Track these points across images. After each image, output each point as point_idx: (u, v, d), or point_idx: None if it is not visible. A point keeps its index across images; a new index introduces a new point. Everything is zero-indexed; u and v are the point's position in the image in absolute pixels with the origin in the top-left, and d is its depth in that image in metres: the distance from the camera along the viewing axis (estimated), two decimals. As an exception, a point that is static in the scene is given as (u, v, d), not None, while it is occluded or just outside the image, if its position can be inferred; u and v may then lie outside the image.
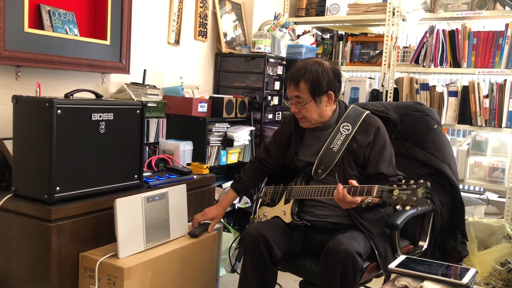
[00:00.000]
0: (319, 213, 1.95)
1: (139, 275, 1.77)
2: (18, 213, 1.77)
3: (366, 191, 1.74)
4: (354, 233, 1.81)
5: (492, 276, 2.83)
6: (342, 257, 1.66)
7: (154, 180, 2.16)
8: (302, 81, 1.88)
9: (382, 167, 1.89)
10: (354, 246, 1.69)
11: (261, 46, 3.29)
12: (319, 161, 1.93)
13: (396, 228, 1.87)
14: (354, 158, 1.92)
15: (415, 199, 1.64)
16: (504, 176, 3.17)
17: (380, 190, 1.72)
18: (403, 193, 1.67)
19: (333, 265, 1.68)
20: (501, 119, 3.16)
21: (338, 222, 1.91)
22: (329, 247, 1.72)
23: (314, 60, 1.93)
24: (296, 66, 1.94)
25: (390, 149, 1.96)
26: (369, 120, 1.96)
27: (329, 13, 3.83)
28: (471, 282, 1.46)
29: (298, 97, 1.91)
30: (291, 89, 1.93)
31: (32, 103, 1.75)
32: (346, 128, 1.94)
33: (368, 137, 1.92)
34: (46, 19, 2.20)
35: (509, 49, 3.14)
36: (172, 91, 2.95)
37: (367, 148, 1.91)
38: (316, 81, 1.88)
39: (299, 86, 1.90)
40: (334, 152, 1.91)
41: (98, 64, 2.43)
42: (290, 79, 1.93)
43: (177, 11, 3.04)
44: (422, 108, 2.20)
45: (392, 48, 3.53)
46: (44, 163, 1.71)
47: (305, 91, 1.89)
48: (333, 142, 1.93)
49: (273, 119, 3.42)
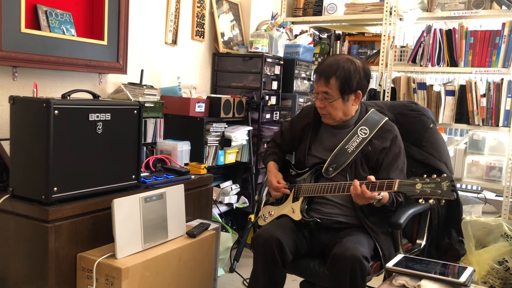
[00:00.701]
0: (326, 211, 1.94)
1: (137, 276, 1.77)
2: (15, 214, 1.77)
3: (386, 186, 1.73)
4: (358, 236, 1.80)
5: (490, 275, 2.83)
6: (350, 263, 1.66)
7: (151, 180, 2.16)
8: (333, 77, 1.86)
9: (393, 174, 1.90)
10: (360, 250, 1.69)
11: (258, 46, 3.29)
12: (332, 160, 1.92)
13: (399, 227, 1.87)
14: (367, 161, 1.92)
15: (440, 192, 1.63)
16: (501, 175, 3.18)
17: (401, 184, 1.71)
18: (427, 187, 1.66)
19: (342, 272, 1.67)
20: (498, 118, 3.17)
21: (344, 222, 1.90)
22: (336, 253, 1.70)
23: (346, 58, 1.91)
24: (327, 61, 1.91)
25: (404, 159, 1.97)
26: (387, 127, 1.97)
27: (327, 12, 3.84)
28: (468, 281, 1.47)
29: (327, 93, 1.88)
30: (320, 84, 1.89)
31: (29, 104, 1.75)
32: (364, 131, 1.93)
33: (384, 142, 1.92)
34: (43, 19, 2.20)
35: (506, 48, 3.15)
36: (169, 91, 2.95)
37: (382, 153, 1.91)
38: (347, 79, 1.86)
39: (329, 83, 1.86)
40: (348, 153, 1.90)
41: (95, 64, 2.42)
42: (320, 74, 1.89)
43: (174, 11, 3.04)
44: (417, 107, 2.21)
45: (390, 47, 3.54)
46: (41, 164, 1.70)
47: (335, 88, 1.87)
48: (348, 143, 1.92)
49: (271, 119, 3.42)
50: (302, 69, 3.67)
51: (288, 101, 3.58)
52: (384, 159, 1.92)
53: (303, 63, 3.67)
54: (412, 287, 1.51)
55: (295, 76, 3.58)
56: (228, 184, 3.25)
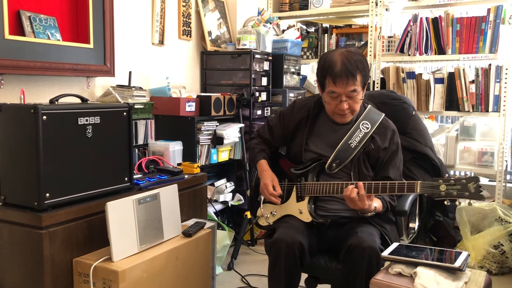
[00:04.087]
0: (331, 207, 1.92)
1: (134, 277, 1.76)
2: (8, 222, 1.75)
3: (407, 188, 1.72)
4: (369, 228, 1.81)
5: (486, 259, 2.86)
6: (367, 253, 1.66)
7: (145, 181, 2.15)
8: (358, 72, 1.79)
9: (390, 172, 1.90)
10: (377, 242, 1.71)
11: (246, 42, 3.29)
12: (336, 155, 1.89)
13: (404, 214, 1.91)
14: (369, 159, 1.92)
15: (468, 194, 1.63)
16: (494, 160, 3.20)
17: (424, 186, 1.69)
18: (452, 188, 1.65)
19: (358, 262, 1.67)
20: (488, 104, 3.19)
21: (349, 216, 1.90)
22: (352, 244, 1.70)
23: (347, 50, 1.85)
24: (337, 61, 1.80)
25: (400, 155, 1.97)
26: (386, 123, 1.96)
27: (313, 6, 3.84)
28: (463, 265, 1.48)
29: (355, 90, 1.81)
30: (349, 85, 1.79)
31: (17, 110, 1.74)
32: (366, 126, 1.91)
33: (385, 141, 1.92)
34: (27, 25, 2.18)
35: (492, 34, 3.17)
36: (159, 92, 2.94)
37: (383, 152, 1.92)
38: (365, 70, 1.83)
39: (357, 79, 1.80)
40: (351, 148, 1.89)
41: (82, 68, 2.41)
42: (344, 74, 1.78)
43: (159, 11, 3.03)
44: (398, 96, 2.22)
45: (377, 38, 3.54)
46: (32, 170, 1.69)
47: (359, 83, 1.82)
48: (351, 137, 1.90)
49: (262, 115, 3.42)
50: (291, 64, 3.67)
51: (278, 96, 3.58)
52: (384, 158, 1.92)
53: (291, 58, 3.67)
54: (408, 274, 1.52)
55: (284, 71, 3.58)
56: (222, 182, 3.25)
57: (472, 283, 1.49)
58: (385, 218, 1.91)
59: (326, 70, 1.82)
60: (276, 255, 1.76)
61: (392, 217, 1.97)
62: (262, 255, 3.13)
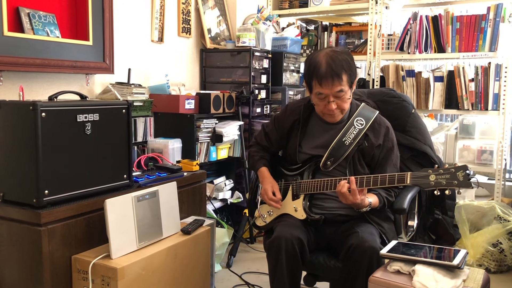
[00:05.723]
0: (328, 205, 1.93)
1: (133, 275, 1.76)
2: (7, 219, 1.75)
3: (397, 180, 1.73)
4: (368, 227, 1.81)
5: (485, 257, 2.86)
6: (368, 254, 1.67)
7: (144, 179, 2.15)
8: (343, 72, 1.79)
9: (387, 169, 1.91)
10: (377, 242, 1.71)
11: (245, 40, 3.28)
12: (330, 153, 1.90)
13: (403, 212, 1.90)
14: (364, 157, 1.92)
15: (456, 182, 1.63)
16: (493, 158, 3.20)
17: (414, 177, 1.70)
18: (441, 178, 1.65)
19: (359, 262, 1.68)
20: (487, 102, 3.19)
21: (347, 214, 1.90)
22: (353, 244, 1.70)
23: (332, 50, 1.85)
24: (323, 61, 1.80)
25: (397, 152, 1.98)
26: (380, 120, 1.96)
27: (312, 4, 3.83)
28: (461, 263, 1.48)
29: (342, 91, 1.81)
30: (334, 86, 1.79)
31: (16, 107, 1.73)
32: (360, 122, 1.91)
33: (379, 138, 1.92)
34: (26, 21, 2.18)
35: (492, 32, 3.17)
36: (158, 89, 2.93)
37: (377, 150, 1.92)
38: (351, 69, 1.82)
39: (343, 79, 1.80)
40: (346, 145, 1.89)
41: (82, 65, 2.40)
42: (329, 75, 1.78)
43: (159, 9, 3.02)
44: (397, 94, 2.22)
45: (377, 36, 3.54)
46: (31, 167, 1.69)
47: (345, 82, 1.82)
48: (345, 135, 1.90)
49: (261, 112, 3.41)
50: (290, 62, 3.67)
51: (278, 94, 3.58)
52: (379, 155, 1.92)
53: (291, 56, 3.67)
54: (407, 272, 1.52)
55: (283, 69, 3.57)
56: (221, 180, 3.25)
57: (471, 281, 1.49)
58: (383, 216, 1.92)
59: (312, 72, 1.84)
60: (276, 252, 1.77)
61: (391, 215, 1.97)
62: (261, 253, 3.13)
